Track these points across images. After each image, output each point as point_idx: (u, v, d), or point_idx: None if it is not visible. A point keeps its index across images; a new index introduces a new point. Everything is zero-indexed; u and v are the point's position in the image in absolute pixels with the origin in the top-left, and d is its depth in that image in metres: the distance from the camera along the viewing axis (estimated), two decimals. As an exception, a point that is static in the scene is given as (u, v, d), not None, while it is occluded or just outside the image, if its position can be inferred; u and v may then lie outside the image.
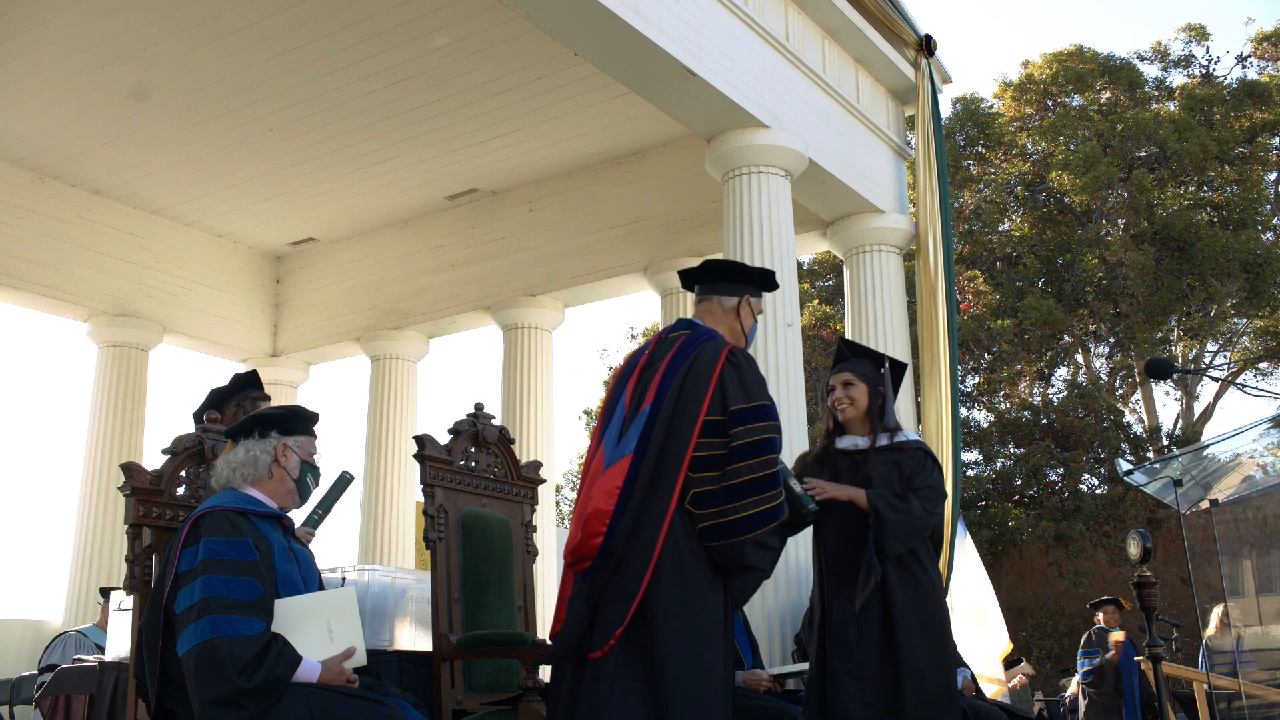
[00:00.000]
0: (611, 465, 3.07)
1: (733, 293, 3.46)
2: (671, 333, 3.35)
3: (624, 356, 3.41)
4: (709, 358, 3.16)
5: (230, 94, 8.46)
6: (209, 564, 2.75)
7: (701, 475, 3.03)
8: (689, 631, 2.94)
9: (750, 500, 3.00)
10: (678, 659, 2.90)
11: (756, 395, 3.14)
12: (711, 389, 3.10)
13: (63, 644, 6.72)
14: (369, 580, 4.37)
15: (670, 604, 2.94)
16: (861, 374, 3.98)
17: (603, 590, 2.98)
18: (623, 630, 2.90)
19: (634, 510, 3.01)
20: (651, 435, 3.07)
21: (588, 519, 3.02)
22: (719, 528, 3.00)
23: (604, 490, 3.03)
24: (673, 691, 2.86)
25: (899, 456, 3.85)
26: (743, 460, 3.02)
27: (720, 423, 3.08)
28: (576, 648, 2.97)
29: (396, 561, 10.09)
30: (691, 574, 3.00)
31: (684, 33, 6.67)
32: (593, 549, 2.99)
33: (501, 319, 10.30)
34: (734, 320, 3.44)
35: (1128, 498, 13.96)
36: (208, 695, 2.62)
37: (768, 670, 4.75)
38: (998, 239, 16.16)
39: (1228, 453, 5.54)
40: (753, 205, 7.36)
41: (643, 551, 2.96)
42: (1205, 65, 16.49)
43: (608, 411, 3.25)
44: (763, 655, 5.25)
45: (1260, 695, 6.50)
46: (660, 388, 3.14)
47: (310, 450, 3.20)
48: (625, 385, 3.25)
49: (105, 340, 10.33)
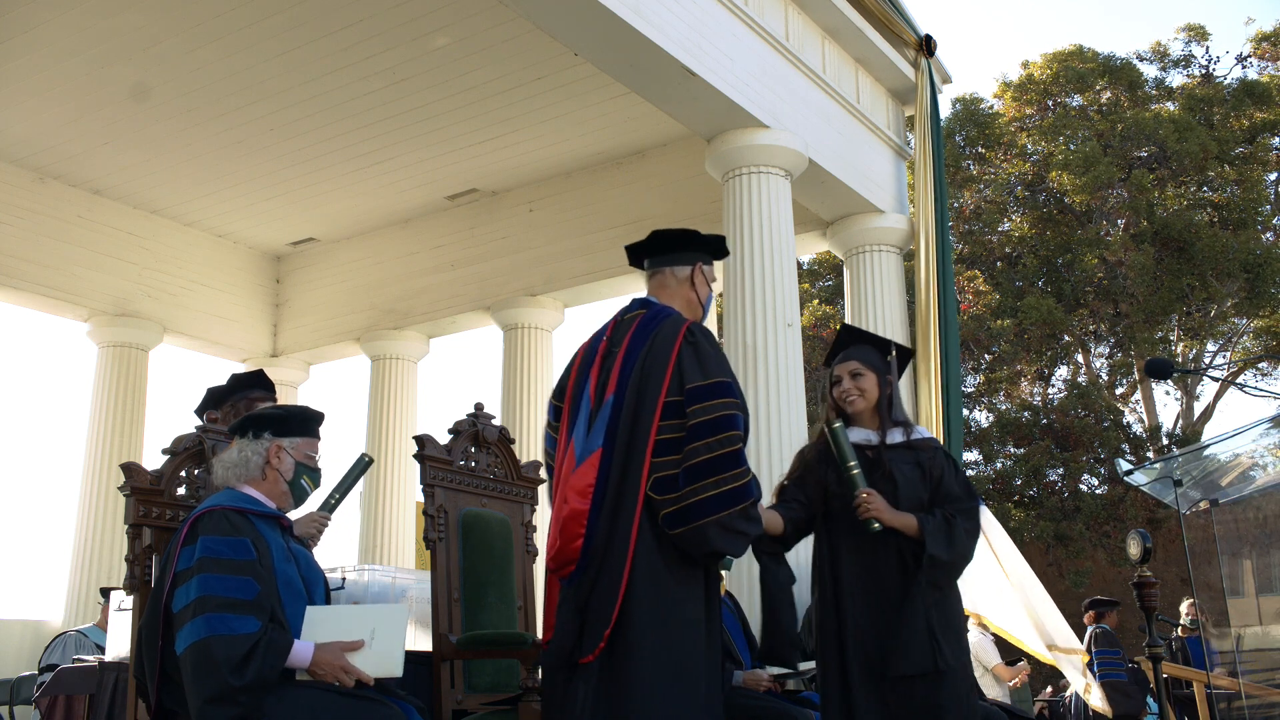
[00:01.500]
0: (583, 462, 2.95)
1: (686, 261, 3.31)
2: (627, 314, 3.21)
3: (581, 343, 3.26)
4: (667, 338, 3.02)
5: (230, 94, 8.46)
6: (205, 563, 2.74)
7: (663, 460, 2.89)
8: (663, 631, 2.84)
9: (710, 481, 2.84)
10: (651, 660, 2.80)
11: (714, 372, 2.98)
12: (670, 370, 2.96)
13: (63, 644, 6.72)
14: (369, 580, 4.37)
15: (644, 603, 2.84)
16: (869, 362, 3.63)
17: (589, 593, 2.88)
18: (610, 632, 2.81)
19: (609, 507, 2.89)
20: (618, 426, 2.95)
21: (565, 522, 2.91)
22: (679, 513, 2.85)
23: (577, 490, 2.92)
24: (645, 694, 2.77)
25: (919, 456, 3.55)
26: (700, 439, 2.87)
27: (680, 404, 2.93)
28: (569, 655, 2.88)
29: (396, 561, 10.09)
30: (665, 568, 2.88)
31: (684, 33, 6.67)
32: (574, 552, 2.89)
33: (501, 319, 10.30)
34: (689, 290, 3.29)
35: (1128, 498, 13.95)
36: (202, 694, 2.62)
37: (768, 670, 4.75)
38: (998, 239, 16.15)
39: (1228, 453, 5.54)
40: (753, 205, 7.36)
41: (619, 549, 2.86)
42: (1205, 65, 16.48)
43: (573, 404, 3.11)
44: (763, 655, 5.25)
45: (1260, 695, 6.50)
46: (621, 375, 3.01)
47: (309, 452, 3.11)
48: (588, 375, 3.11)
49: (105, 340, 10.33)
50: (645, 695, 2.76)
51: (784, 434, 6.93)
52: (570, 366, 3.23)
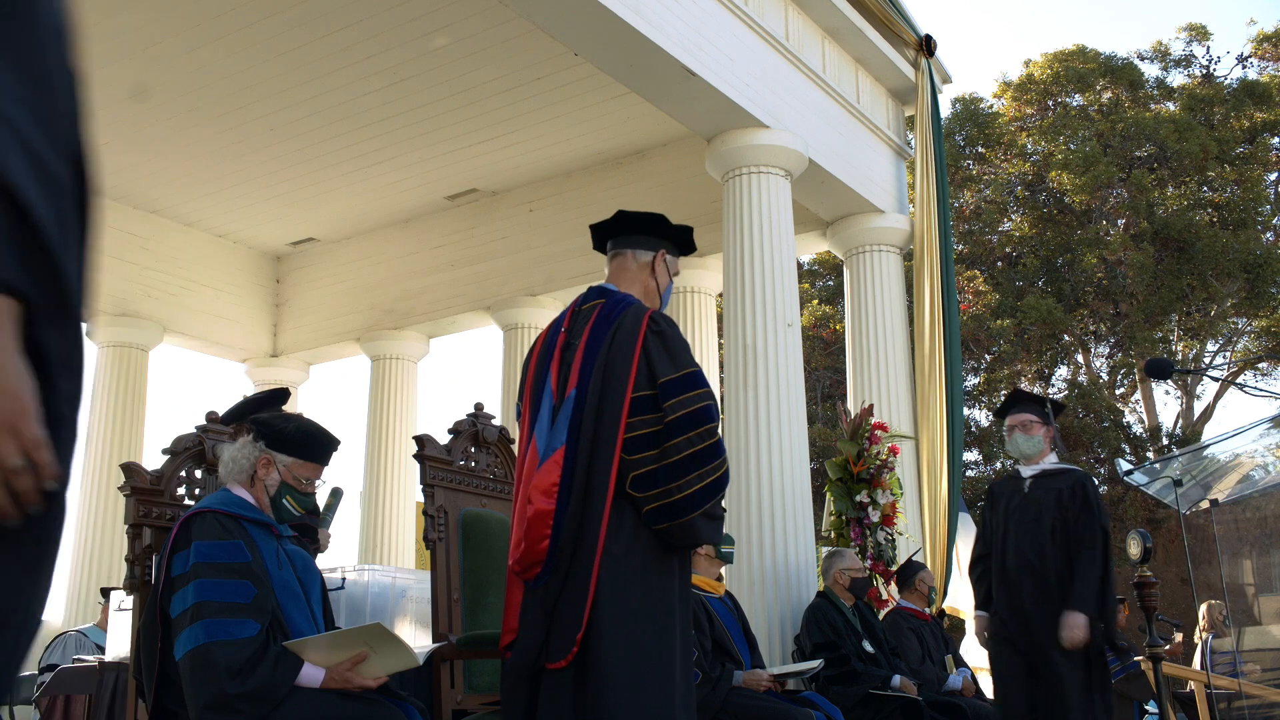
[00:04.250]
0: (546, 459, 2.87)
1: (648, 246, 3.19)
2: (585, 303, 3.10)
3: (538, 335, 3.17)
4: (629, 329, 2.92)
5: (230, 94, 8.46)
6: (200, 568, 2.73)
7: (637, 456, 2.83)
8: (637, 628, 2.79)
9: (694, 475, 2.80)
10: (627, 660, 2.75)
11: (685, 363, 2.91)
12: (635, 363, 2.88)
13: (63, 644, 6.72)
14: (369, 580, 4.37)
15: (616, 602, 2.77)
16: None
17: (557, 596, 2.80)
18: (582, 635, 2.74)
19: (576, 506, 2.82)
20: (582, 422, 2.87)
21: (530, 522, 2.83)
22: (667, 508, 2.80)
23: (541, 489, 2.84)
24: (625, 694, 2.71)
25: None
26: (682, 434, 2.81)
27: (649, 398, 2.86)
28: (535, 660, 2.79)
29: (396, 561, 10.09)
30: (637, 565, 2.83)
31: (684, 33, 6.67)
32: (541, 553, 2.80)
33: (501, 319, 10.30)
34: (648, 277, 3.18)
35: (1128, 498, 13.96)
36: (201, 700, 2.61)
37: (768, 670, 4.75)
38: (998, 239, 16.16)
39: (1228, 453, 5.55)
40: (753, 205, 7.37)
41: (588, 548, 2.79)
42: (1205, 65, 16.49)
43: (534, 399, 3.03)
44: (763, 655, 5.25)
45: (1260, 695, 6.51)
46: (583, 368, 2.92)
47: (300, 475, 3.00)
48: (548, 368, 3.02)
49: (105, 340, 10.34)
50: (625, 695, 2.71)
51: (784, 434, 6.92)
52: (528, 360, 3.16)
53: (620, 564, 2.80)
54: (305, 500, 3.05)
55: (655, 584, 2.85)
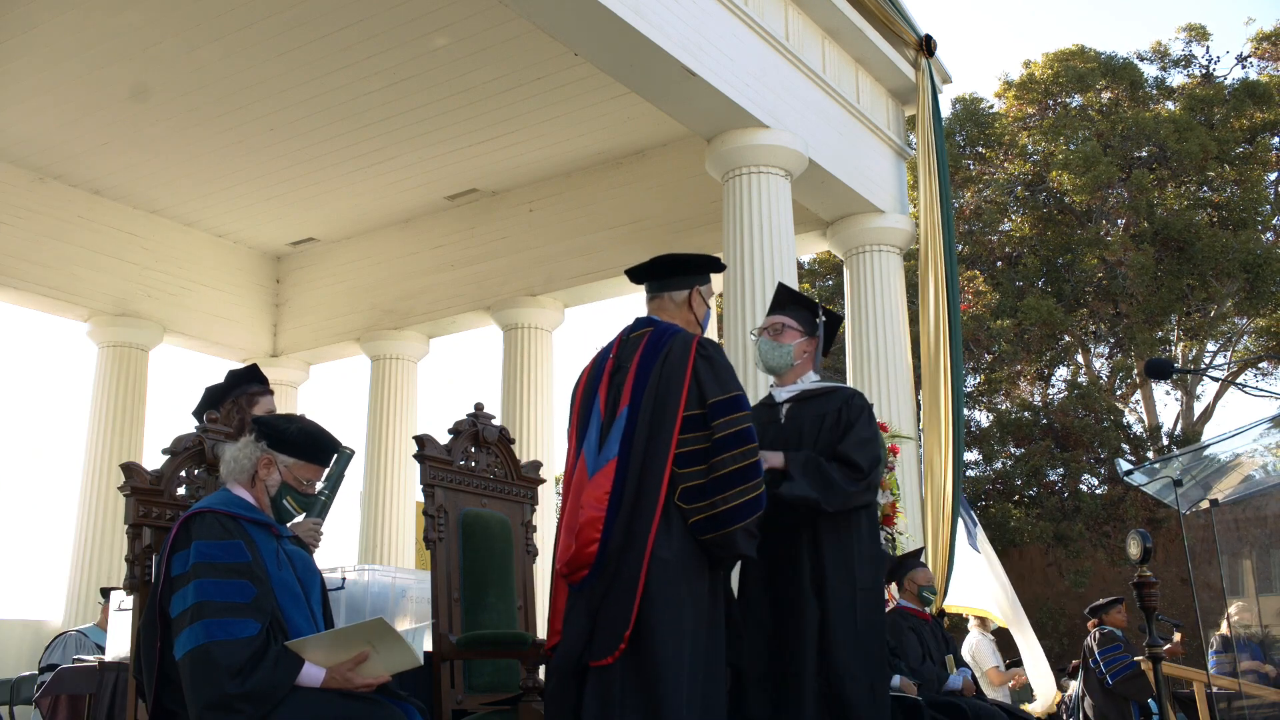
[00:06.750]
0: (597, 472, 3.08)
1: (681, 286, 3.48)
2: (633, 332, 3.37)
3: (587, 362, 3.41)
4: (680, 353, 3.18)
5: (230, 94, 8.46)
6: (200, 568, 2.73)
7: (686, 470, 3.06)
8: (686, 631, 2.96)
9: (738, 490, 3.03)
10: (677, 661, 2.90)
11: (731, 386, 3.17)
12: (687, 384, 3.13)
13: (63, 644, 6.72)
14: (369, 580, 4.36)
15: (667, 606, 2.95)
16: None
17: (602, 598, 2.99)
18: (630, 632, 2.92)
19: (625, 514, 3.03)
20: (634, 438, 3.09)
21: (581, 528, 3.03)
22: (712, 519, 3.03)
23: (593, 497, 3.05)
24: (674, 695, 2.86)
25: None
26: (728, 451, 3.06)
27: (699, 417, 3.11)
28: (578, 659, 2.97)
29: (396, 561, 10.09)
30: (684, 572, 3.02)
31: (684, 33, 6.67)
32: (589, 557, 3.00)
33: (501, 319, 10.30)
34: (687, 313, 3.47)
35: (1128, 498, 13.96)
36: (201, 700, 2.61)
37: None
38: (998, 239, 16.15)
39: (1228, 453, 5.54)
40: (753, 205, 7.37)
41: (636, 554, 2.98)
42: (1205, 65, 16.48)
43: (582, 419, 3.27)
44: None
45: (1260, 695, 6.51)
46: (635, 389, 3.15)
47: (300, 477, 3.01)
48: (596, 391, 3.27)
49: (105, 340, 10.33)
50: (679, 684, 2.88)
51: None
52: (577, 386, 3.38)
53: (669, 567, 3.00)
54: (305, 501, 3.07)
55: (698, 586, 3.05)
